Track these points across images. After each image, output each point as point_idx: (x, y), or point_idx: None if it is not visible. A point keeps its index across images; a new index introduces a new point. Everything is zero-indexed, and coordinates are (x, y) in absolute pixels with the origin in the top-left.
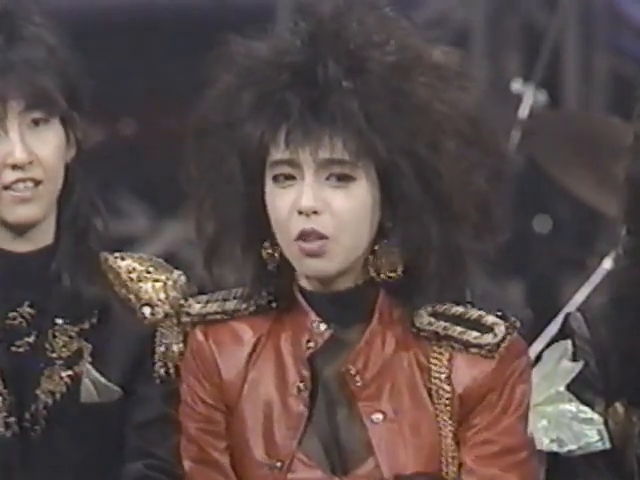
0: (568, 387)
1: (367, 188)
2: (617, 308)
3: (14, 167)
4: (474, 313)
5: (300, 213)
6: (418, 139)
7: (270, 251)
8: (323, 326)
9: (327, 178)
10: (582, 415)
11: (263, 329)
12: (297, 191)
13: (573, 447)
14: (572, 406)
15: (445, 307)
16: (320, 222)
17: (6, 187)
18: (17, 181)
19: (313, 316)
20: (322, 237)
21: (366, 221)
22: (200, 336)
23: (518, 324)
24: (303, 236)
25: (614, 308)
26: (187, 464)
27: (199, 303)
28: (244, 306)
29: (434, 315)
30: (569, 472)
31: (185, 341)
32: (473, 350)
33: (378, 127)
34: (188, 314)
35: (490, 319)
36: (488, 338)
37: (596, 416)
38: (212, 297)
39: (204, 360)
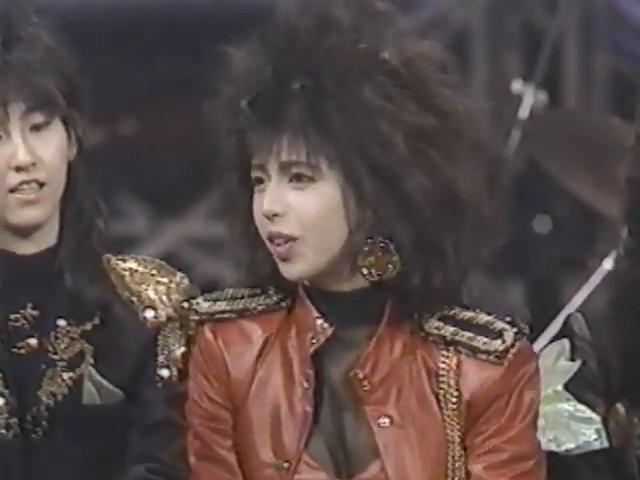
0: (566, 386)
1: (328, 188)
2: (618, 309)
3: (18, 169)
4: (483, 318)
5: (266, 217)
6: (368, 139)
7: None
8: (326, 324)
9: (290, 180)
10: (580, 414)
11: (272, 328)
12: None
13: (571, 446)
14: (570, 405)
15: (454, 311)
16: (284, 224)
17: (11, 190)
18: (22, 183)
19: (315, 313)
20: (289, 239)
21: (333, 221)
22: (209, 334)
23: (527, 330)
24: (271, 239)
25: (615, 309)
26: (193, 460)
27: (207, 301)
28: (253, 305)
29: (443, 319)
30: (569, 472)
31: (188, 344)
32: (481, 356)
33: (326, 127)
34: (196, 312)
35: (499, 325)
36: (497, 344)
37: (594, 415)
38: (221, 295)
39: (212, 358)
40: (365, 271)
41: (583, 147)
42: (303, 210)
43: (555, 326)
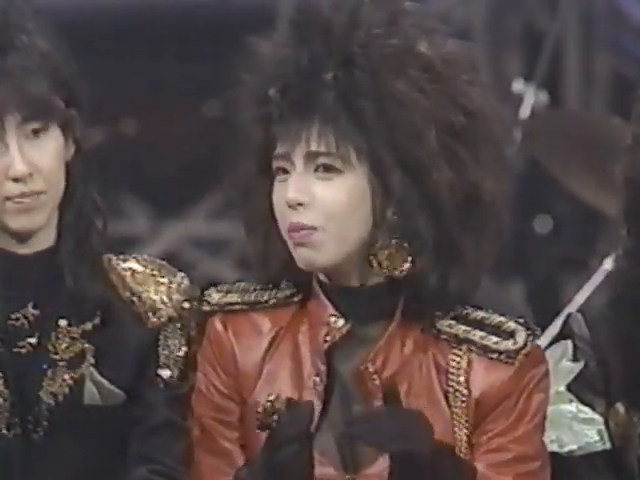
0: (568, 387)
1: (355, 180)
2: (617, 309)
3: (15, 180)
4: (495, 318)
5: (290, 206)
6: (400, 132)
7: None
8: (341, 321)
9: (315, 170)
10: (582, 415)
11: (282, 322)
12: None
13: (573, 447)
14: (572, 406)
15: (467, 311)
16: (306, 214)
17: (9, 198)
18: (20, 195)
19: (331, 310)
20: (310, 229)
21: (356, 213)
22: (219, 326)
23: (539, 332)
24: (292, 229)
25: (614, 309)
26: (197, 453)
27: (219, 292)
28: (265, 298)
29: (455, 318)
30: (570, 472)
31: (189, 344)
32: (492, 355)
33: (357, 118)
34: (208, 302)
35: (511, 325)
36: (508, 344)
37: (596, 416)
38: (233, 287)
39: (222, 350)
40: (377, 267)
41: (584, 147)
42: (329, 201)
43: (555, 326)
